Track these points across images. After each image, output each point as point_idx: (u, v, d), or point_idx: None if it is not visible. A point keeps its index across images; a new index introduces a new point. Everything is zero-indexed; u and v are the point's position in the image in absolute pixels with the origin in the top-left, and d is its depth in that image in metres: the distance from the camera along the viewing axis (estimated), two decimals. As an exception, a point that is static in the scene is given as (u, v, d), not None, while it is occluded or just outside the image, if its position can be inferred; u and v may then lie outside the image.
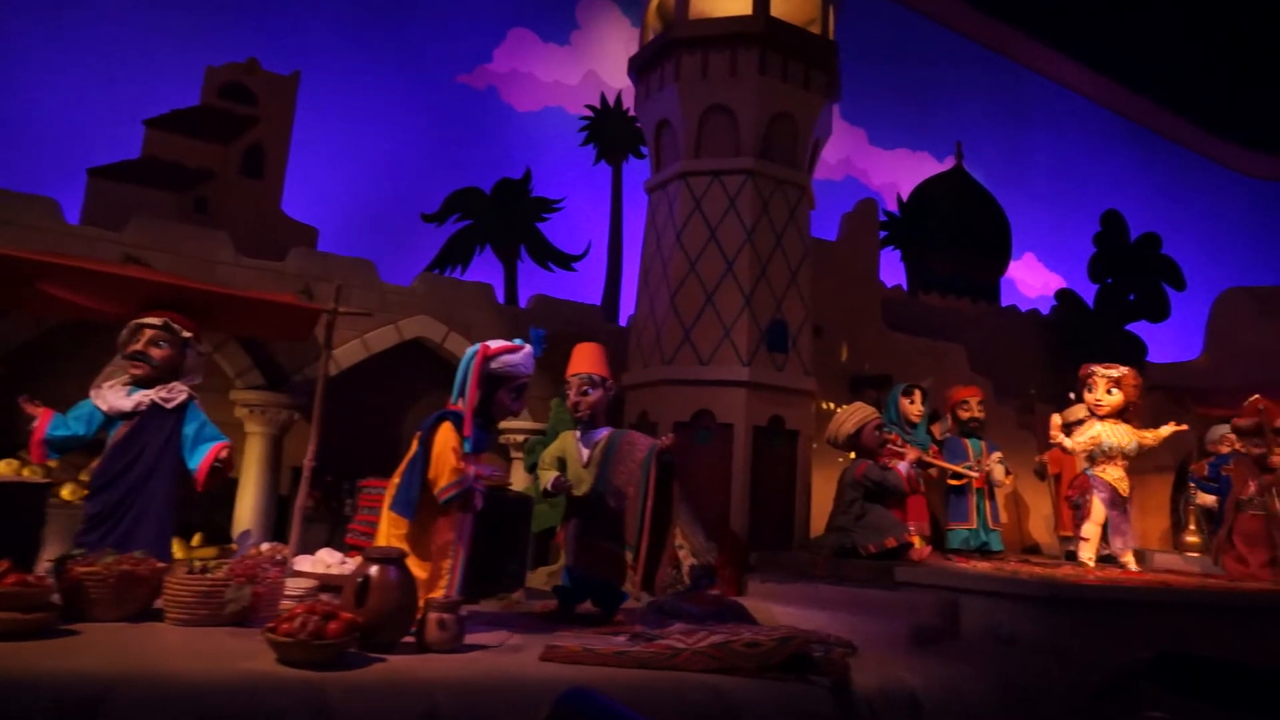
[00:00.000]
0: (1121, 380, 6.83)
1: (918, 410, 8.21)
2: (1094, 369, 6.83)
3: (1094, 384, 6.80)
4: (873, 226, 10.44)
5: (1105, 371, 6.83)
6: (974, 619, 5.34)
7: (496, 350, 4.56)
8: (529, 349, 4.67)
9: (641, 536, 5.20)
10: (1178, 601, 5.24)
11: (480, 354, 4.50)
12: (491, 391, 4.60)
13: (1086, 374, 6.85)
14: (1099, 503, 6.67)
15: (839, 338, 9.82)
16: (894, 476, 6.60)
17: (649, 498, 5.22)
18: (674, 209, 7.72)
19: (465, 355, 4.51)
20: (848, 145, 15.81)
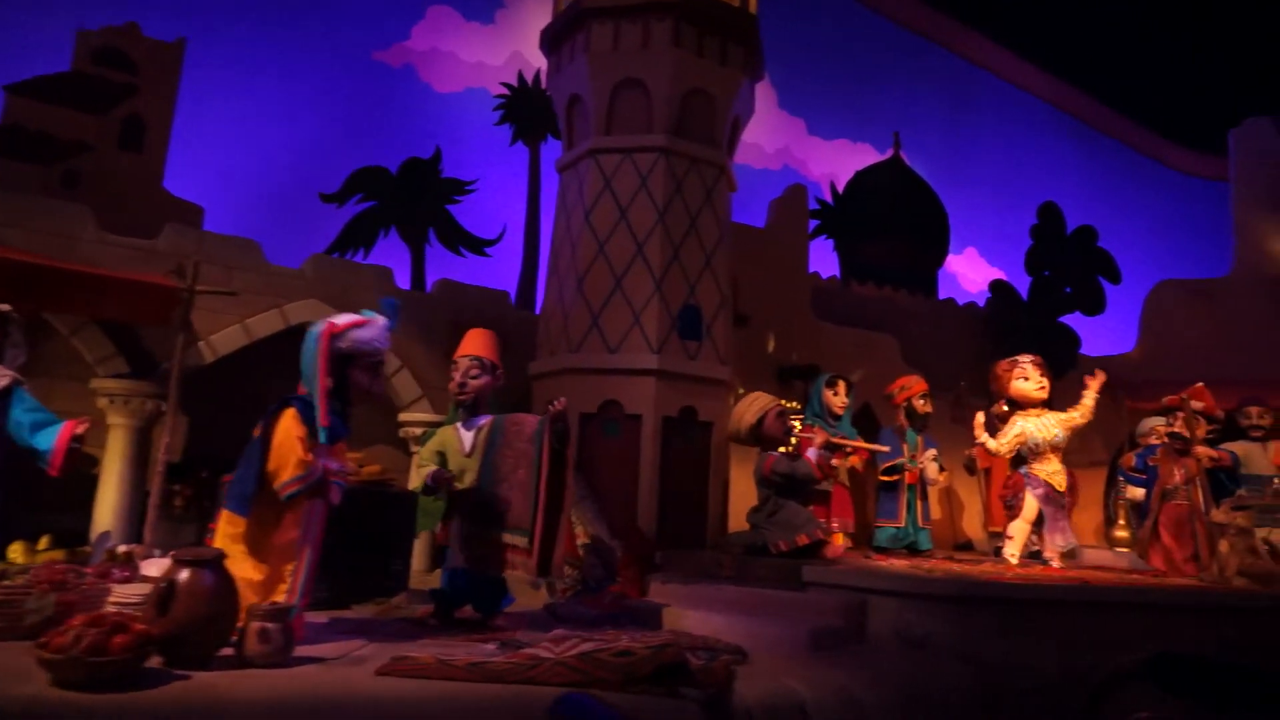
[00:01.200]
0: (1044, 370, 6.55)
1: (842, 402, 7.89)
2: (1014, 359, 6.54)
3: (1025, 373, 6.50)
4: (802, 213, 10.10)
5: (1027, 357, 6.56)
6: (882, 621, 4.99)
7: (344, 326, 4.10)
8: (383, 322, 4.22)
9: (536, 516, 4.79)
10: (1093, 600, 4.93)
11: (326, 332, 4.03)
12: (344, 372, 4.14)
13: (1010, 365, 6.55)
14: (1032, 500, 6.37)
15: (766, 327, 9.47)
16: (804, 465, 6.24)
17: (543, 470, 4.81)
18: (583, 188, 7.29)
19: (309, 335, 4.03)
20: (786, 135, 15.52)
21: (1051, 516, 6.36)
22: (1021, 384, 6.48)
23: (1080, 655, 4.75)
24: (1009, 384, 6.50)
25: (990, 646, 4.69)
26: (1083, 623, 4.84)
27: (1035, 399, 6.44)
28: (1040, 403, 6.49)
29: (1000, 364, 6.62)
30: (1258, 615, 5.12)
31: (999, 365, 6.62)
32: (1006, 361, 6.59)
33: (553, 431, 4.84)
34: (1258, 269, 11.83)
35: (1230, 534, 6.13)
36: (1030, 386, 6.45)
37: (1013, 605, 4.79)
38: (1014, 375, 6.49)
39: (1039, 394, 6.44)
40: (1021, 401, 6.50)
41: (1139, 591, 5.09)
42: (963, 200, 18.24)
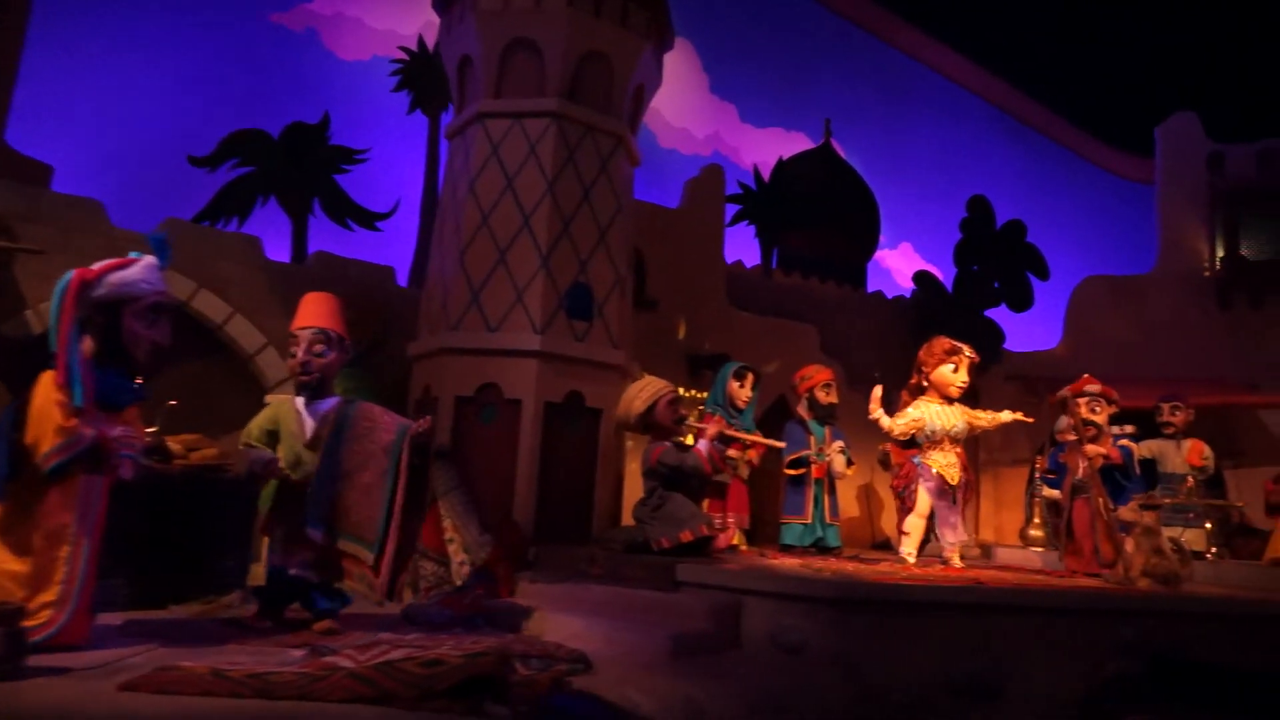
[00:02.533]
0: (972, 373, 6.19)
1: (747, 394, 7.46)
2: (959, 346, 6.14)
3: (960, 364, 6.11)
4: (719, 195, 9.68)
5: (970, 353, 6.17)
6: (758, 625, 4.56)
7: (100, 271, 3.53)
8: (149, 260, 3.66)
9: (388, 535, 4.27)
10: (980, 602, 4.54)
11: (75, 279, 3.46)
12: (116, 324, 3.58)
13: (952, 350, 6.14)
14: (924, 493, 5.99)
15: (677, 313, 9.03)
16: (693, 457, 5.80)
17: (399, 490, 4.29)
18: (470, 156, 6.77)
19: (56, 286, 3.46)
20: (717, 121, 15.10)
21: (942, 511, 5.98)
22: (948, 372, 6.07)
23: (964, 661, 4.37)
24: (935, 365, 6.09)
25: (869, 653, 4.28)
26: (969, 626, 4.45)
27: (950, 393, 6.06)
28: (950, 398, 6.10)
29: (941, 341, 6.19)
30: (1157, 618, 4.78)
31: (939, 341, 6.19)
32: (950, 343, 6.16)
33: (413, 449, 4.33)
34: (1181, 266, 11.70)
35: (1136, 533, 5.81)
36: (955, 378, 6.06)
37: (894, 608, 4.38)
38: (947, 360, 6.08)
39: (956, 390, 6.06)
40: (937, 388, 6.10)
41: (1032, 594, 4.72)
42: (899, 195, 18.00)
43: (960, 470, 6.02)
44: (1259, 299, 11.35)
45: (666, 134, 14.21)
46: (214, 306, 6.62)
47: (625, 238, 6.99)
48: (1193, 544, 8.31)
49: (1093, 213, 18.98)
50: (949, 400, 6.06)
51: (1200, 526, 8.25)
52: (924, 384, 6.13)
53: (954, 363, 6.02)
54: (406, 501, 4.31)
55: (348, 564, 4.38)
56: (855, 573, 5.10)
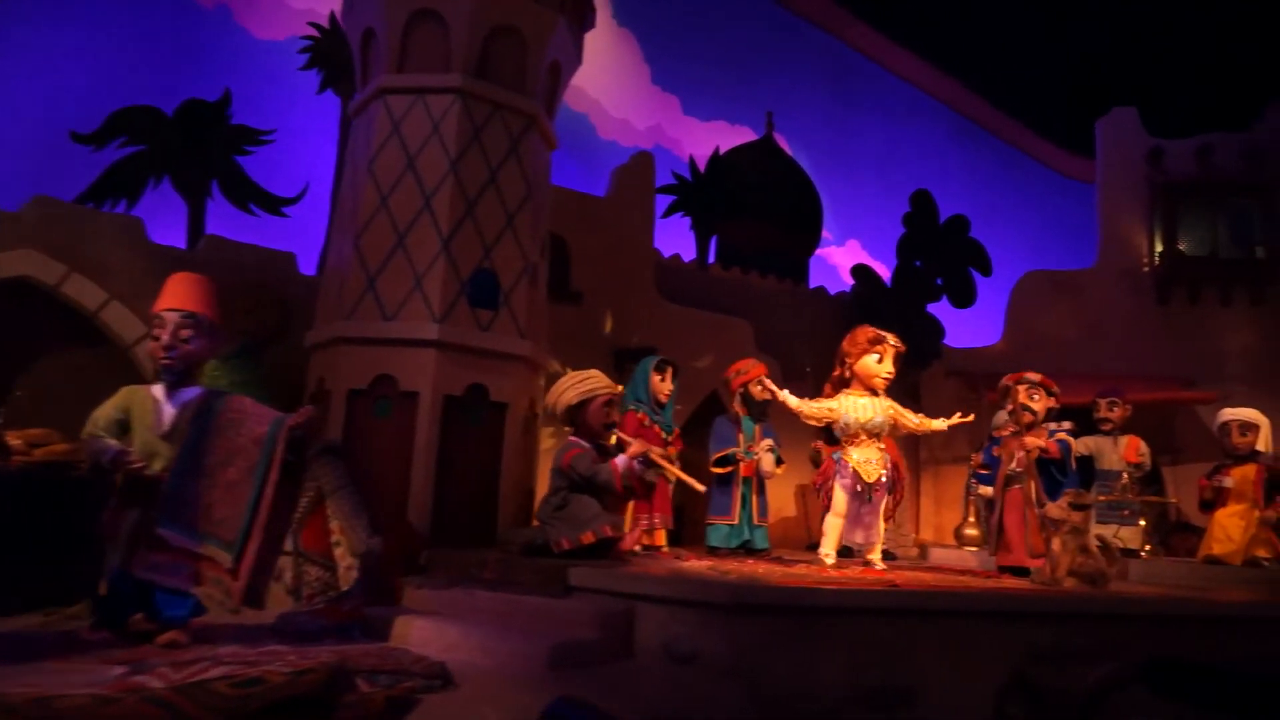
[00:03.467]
0: (901, 353, 5.88)
1: (668, 389, 7.13)
2: (884, 335, 5.82)
3: (885, 355, 5.79)
4: (648, 184, 9.34)
5: (895, 341, 5.85)
6: (650, 633, 4.21)
7: None
8: None
9: (250, 535, 3.90)
10: (891, 606, 4.24)
11: None
12: None
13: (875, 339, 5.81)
14: (840, 491, 5.68)
15: (603, 305, 8.68)
16: (605, 472, 5.41)
17: (268, 486, 3.91)
18: (370, 134, 6.37)
19: None
20: (659, 113, 14.76)
21: (856, 510, 5.67)
22: (872, 363, 5.75)
23: (873, 669, 4.07)
24: (859, 356, 5.77)
25: (768, 662, 3.96)
26: (879, 632, 4.14)
27: (874, 384, 5.75)
28: (875, 391, 5.78)
29: (864, 330, 5.85)
30: (1079, 620, 4.52)
31: (862, 330, 5.86)
32: (873, 332, 5.81)
33: (288, 444, 3.94)
34: (1120, 261, 11.58)
35: (1063, 532, 5.56)
36: (879, 369, 5.73)
37: (795, 614, 4.06)
38: (870, 350, 5.75)
39: (881, 382, 5.74)
40: (861, 379, 5.79)
41: (946, 596, 4.43)
42: (847, 192, 17.82)
43: (881, 467, 5.71)
44: (1196, 295, 11.28)
45: (606, 125, 13.87)
46: (88, 292, 6.15)
47: (537, 223, 6.62)
48: (1128, 541, 8.16)
49: (1040, 211, 18.96)
50: (874, 393, 5.76)
51: (1135, 524, 8.08)
52: (847, 376, 5.82)
53: (878, 353, 5.72)
54: (277, 500, 3.94)
55: (204, 568, 3.98)
56: (764, 576, 4.78)
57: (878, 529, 5.80)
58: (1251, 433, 7.79)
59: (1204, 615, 4.79)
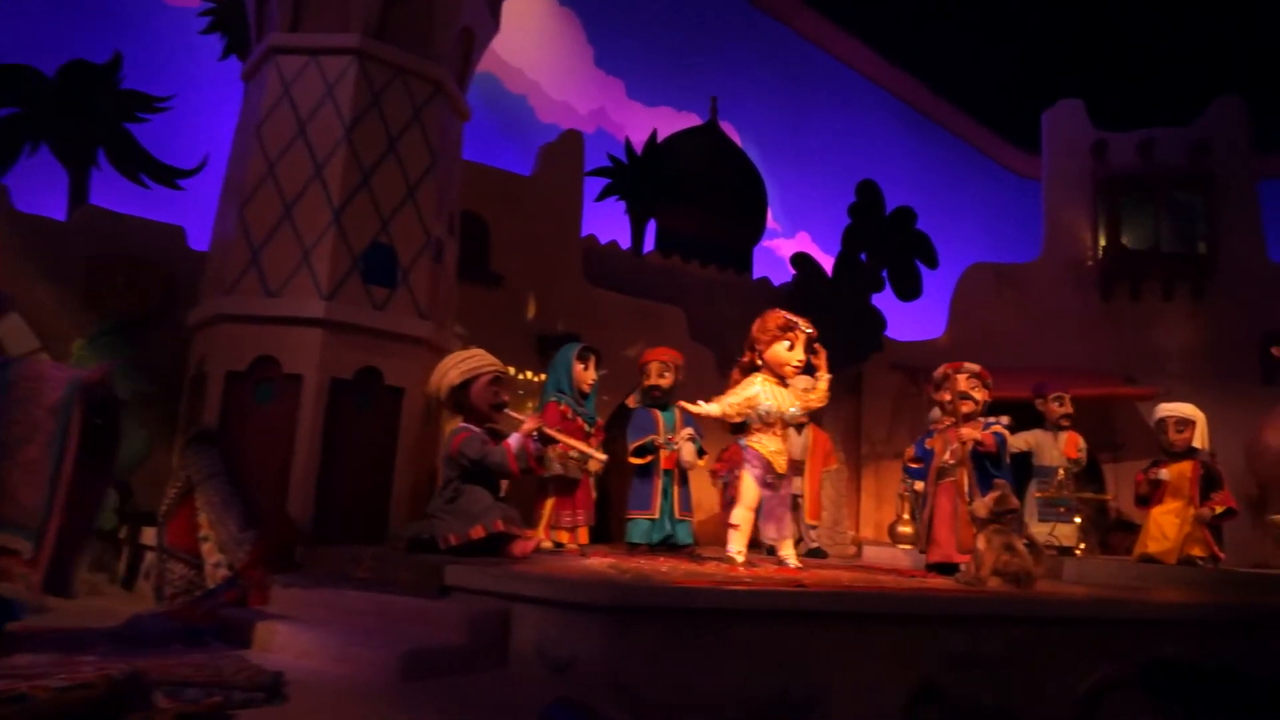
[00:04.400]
0: (816, 338, 5.51)
1: (592, 377, 6.73)
2: (795, 320, 5.44)
3: (796, 341, 5.41)
4: (577, 164, 8.94)
5: (807, 328, 5.47)
6: (526, 637, 3.83)
7: None
8: None
9: (50, 515, 3.45)
10: (797, 609, 3.89)
11: None
12: None
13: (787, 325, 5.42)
14: (750, 481, 5.30)
15: (526, 289, 8.27)
16: (499, 453, 5.04)
17: (66, 457, 3.47)
18: (260, 98, 5.90)
19: None
20: (602, 96, 14.32)
21: (768, 503, 5.30)
22: (783, 350, 5.37)
23: (767, 679, 3.72)
24: (769, 342, 5.39)
25: (651, 669, 3.59)
26: (779, 636, 3.80)
27: (785, 372, 5.38)
28: (784, 379, 5.42)
29: (775, 315, 5.46)
30: (995, 624, 4.21)
31: (773, 315, 5.47)
32: (784, 317, 5.42)
33: (87, 407, 3.50)
34: (1065, 255, 11.42)
35: (988, 530, 5.26)
36: (790, 357, 5.35)
37: (683, 617, 3.69)
38: (781, 337, 5.37)
39: (792, 370, 5.37)
40: (771, 367, 5.42)
41: (854, 598, 4.09)
42: (798, 184, 17.56)
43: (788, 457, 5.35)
44: (1139, 290, 11.14)
45: (546, 107, 13.44)
46: (-64, 263, 5.63)
47: (443, 197, 6.20)
48: (1064, 539, 7.94)
49: (992, 207, 18.85)
50: (783, 381, 5.40)
51: (1071, 521, 7.86)
52: (757, 362, 5.46)
53: (789, 339, 5.35)
54: (81, 471, 3.49)
55: (6, 562, 3.52)
56: (665, 575, 4.41)
57: (789, 523, 5.45)
58: (1188, 429, 7.59)
59: (1129, 618, 4.51)
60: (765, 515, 5.30)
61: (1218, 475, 7.40)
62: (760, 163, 17.22)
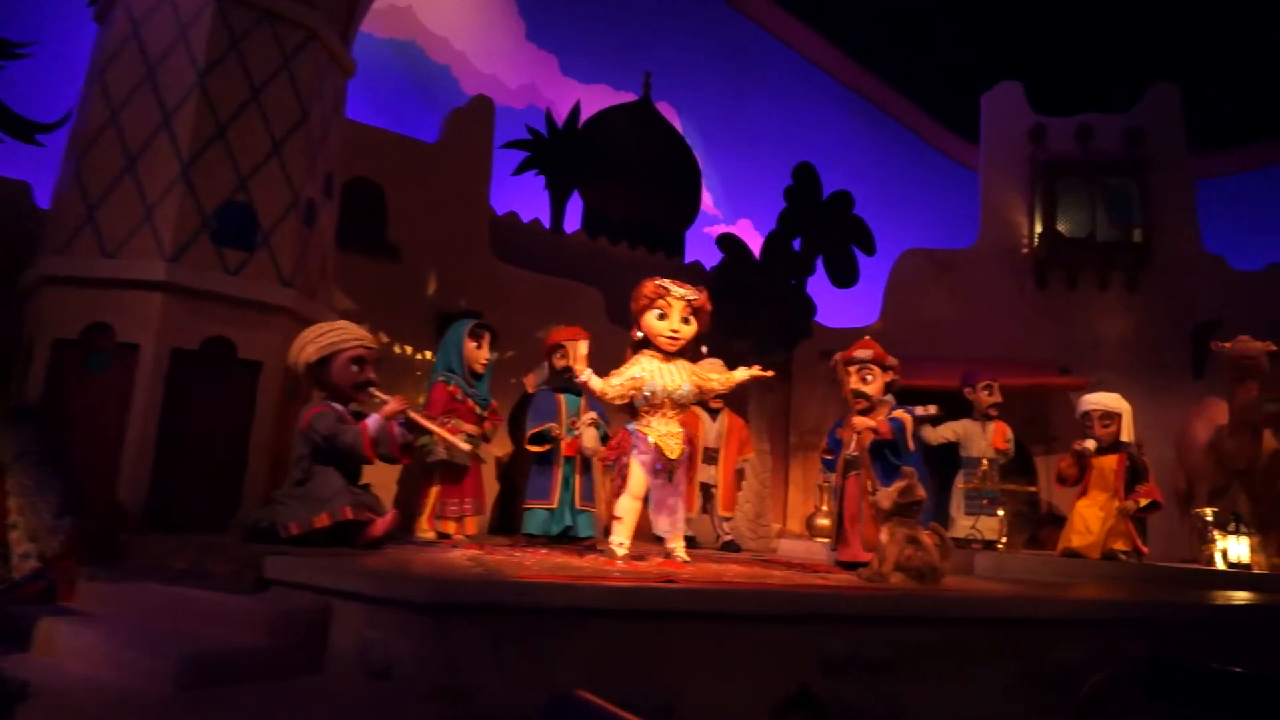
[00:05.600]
0: (700, 306, 5.05)
1: (485, 357, 6.26)
2: (666, 286, 4.97)
3: (668, 310, 4.95)
4: (486, 132, 8.42)
5: (681, 292, 5.00)
6: (347, 638, 3.35)
7: None
8: None
9: None
10: (655, 608, 3.45)
11: None
12: None
13: (657, 293, 4.95)
14: (637, 468, 4.87)
15: (427, 263, 7.76)
16: (353, 433, 4.56)
17: None
18: (108, 39, 5.33)
19: None
20: (534, 71, 13.74)
21: (657, 492, 4.86)
22: (653, 320, 4.92)
23: (618, 684, 3.28)
24: (641, 312, 4.95)
25: (484, 674, 3.14)
26: (633, 639, 3.37)
27: (661, 345, 4.93)
28: (668, 353, 4.97)
29: (646, 283, 5.00)
30: (880, 625, 3.82)
31: (645, 284, 5.00)
32: (655, 285, 4.96)
33: None
34: (1001, 241, 11.15)
35: (892, 522, 4.89)
36: (662, 327, 4.90)
37: (525, 616, 3.24)
38: (651, 306, 4.92)
39: (667, 342, 4.91)
40: (650, 340, 4.98)
41: (720, 596, 3.67)
42: (740, 170, 17.17)
43: (683, 442, 4.92)
44: (1074, 279, 10.90)
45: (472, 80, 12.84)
46: None
47: (316, 155, 5.67)
48: (986, 533, 7.64)
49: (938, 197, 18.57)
50: (668, 356, 4.96)
51: (994, 514, 7.55)
52: (641, 337, 5.01)
53: (660, 309, 4.90)
54: None
55: None
56: (526, 569, 3.96)
57: (682, 514, 5.01)
58: (1113, 422, 7.33)
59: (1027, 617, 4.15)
60: (655, 506, 4.86)
61: (1143, 467, 7.15)
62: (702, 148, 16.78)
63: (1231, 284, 10.66)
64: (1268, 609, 4.94)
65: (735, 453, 7.71)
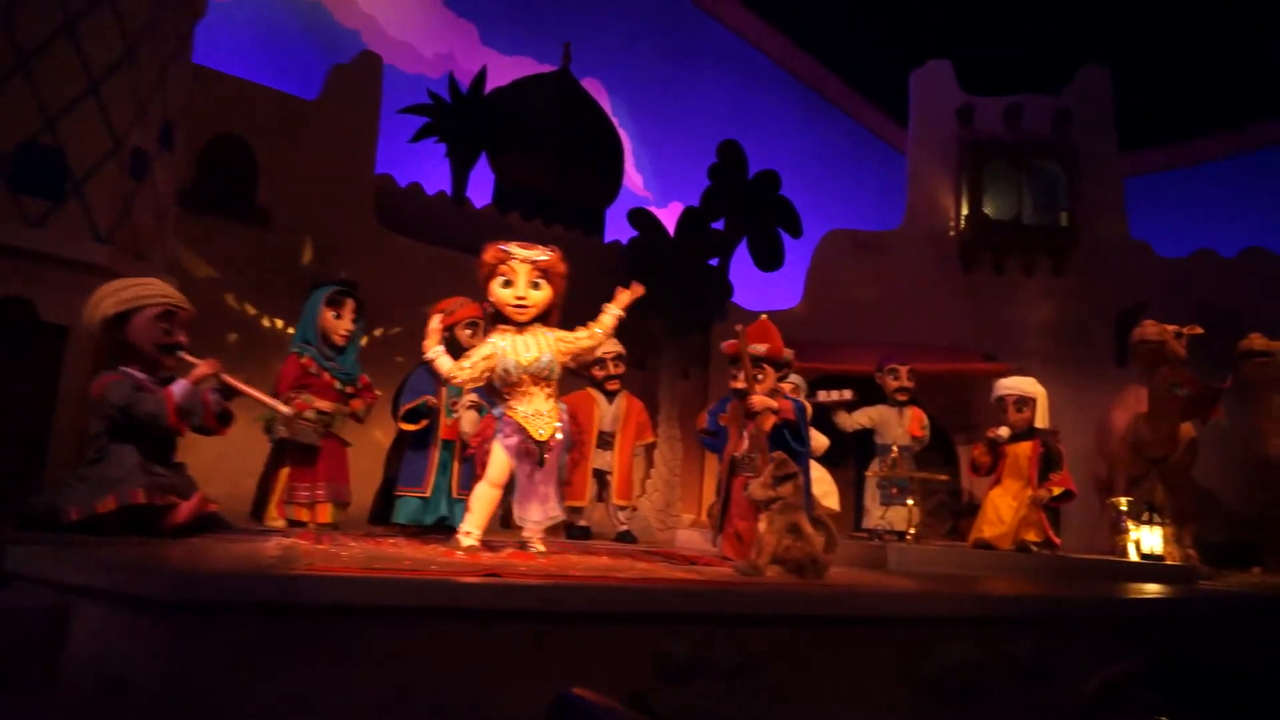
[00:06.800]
0: (549, 268, 4.53)
1: (346, 326, 5.69)
2: (508, 249, 4.45)
3: (512, 276, 4.42)
4: (373, 92, 7.82)
5: (525, 254, 4.47)
6: (86, 645, 2.81)
7: None
8: None
9: None
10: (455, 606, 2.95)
11: None
12: None
13: (499, 257, 4.43)
14: (499, 452, 4.35)
15: (303, 229, 7.17)
16: (153, 403, 3.99)
17: None
18: (-105, -44, 4.66)
19: None
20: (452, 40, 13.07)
21: (523, 480, 4.35)
22: (498, 288, 4.41)
23: (410, 693, 2.80)
24: (484, 281, 4.43)
25: (230, 687, 2.61)
26: (431, 642, 2.87)
27: (510, 316, 4.42)
28: (520, 324, 4.45)
29: (489, 247, 4.45)
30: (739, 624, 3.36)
31: (487, 248, 4.46)
32: (495, 248, 4.41)
33: None
34: (928, 224, 10.84)
35: (773, 509, 4.44)
36: (507, 295, 4.37)
37: (295, 616, 2.72)
38: (495, 273, 4.41)
39: (514, 312, 4.39)
40: (501, 313, 4.47)
41: (550, 592, 3.18)
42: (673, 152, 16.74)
43: (555, 420, 4.42)
44: (1000, 263, 10.63)
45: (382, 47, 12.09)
46: None
47: (143, 99, 5.05)
48: (895, 523, 7.30)
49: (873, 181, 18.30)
50: (521, 326, 4.45)
51: (903, 503, 7.19)
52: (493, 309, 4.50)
53: (504, 274, 4.38)
54: None
55: None
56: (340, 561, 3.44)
57: (556, 501, 4.50)
58: (1028, 407, 7.04)
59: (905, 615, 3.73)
60: (523, 494, 4.35)
61: (1057, 455, 6.87)
62: (633, 128, 16.28)
63: (1157, 270, 10.48)
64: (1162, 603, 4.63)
65: (633, 437, 7.25)
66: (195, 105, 6.45)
